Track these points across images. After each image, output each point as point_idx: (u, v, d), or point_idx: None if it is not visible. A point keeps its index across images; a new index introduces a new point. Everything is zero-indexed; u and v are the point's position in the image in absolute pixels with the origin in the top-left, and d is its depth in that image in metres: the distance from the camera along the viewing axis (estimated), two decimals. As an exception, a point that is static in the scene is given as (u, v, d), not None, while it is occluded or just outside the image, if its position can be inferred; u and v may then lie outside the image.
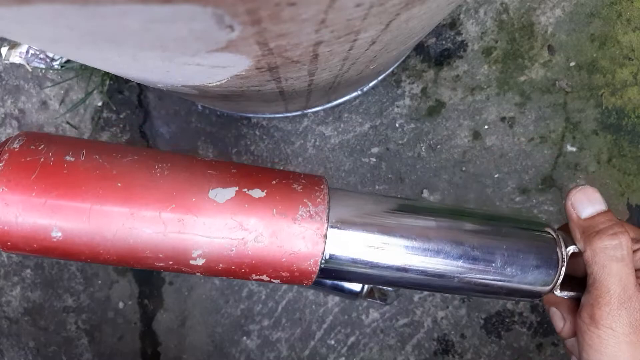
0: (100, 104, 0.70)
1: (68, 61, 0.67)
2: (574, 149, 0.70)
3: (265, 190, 0.28)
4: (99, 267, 0.72)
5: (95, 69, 0.67)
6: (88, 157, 0.27)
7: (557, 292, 0.32)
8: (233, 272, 0.28)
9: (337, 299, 0.72)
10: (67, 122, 0.70)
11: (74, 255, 0.27)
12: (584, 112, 0.70)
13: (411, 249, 0.30)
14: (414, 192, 0.70)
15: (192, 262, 0.27)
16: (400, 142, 0.70)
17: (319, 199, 0.28)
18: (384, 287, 0.65)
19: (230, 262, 0.28)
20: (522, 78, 0.69)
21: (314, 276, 0.29)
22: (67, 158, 0.26)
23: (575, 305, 0.33)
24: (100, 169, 0.26)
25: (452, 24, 0.68)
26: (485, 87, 0.69)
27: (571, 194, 0.32)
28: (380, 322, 0.72)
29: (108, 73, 0.68)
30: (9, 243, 0.26)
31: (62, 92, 0.70)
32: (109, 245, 0.26)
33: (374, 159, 0.70)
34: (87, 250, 0.27)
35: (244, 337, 0.73)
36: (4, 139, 0.73)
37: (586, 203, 0.31)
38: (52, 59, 0.67)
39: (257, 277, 0.29)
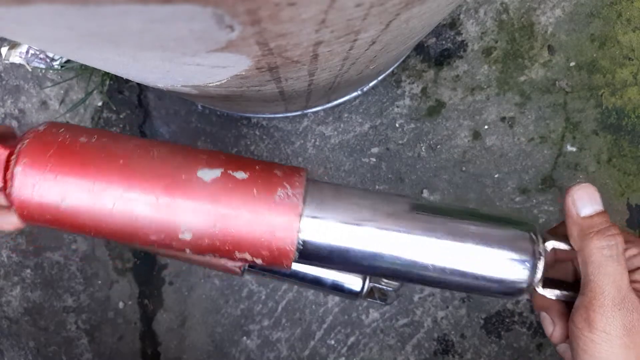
0: (100, 104, 0.70)
1: (68, 61, 0.68)
2: (574, 149, 0.70)
3: (248, 173, 0.31)
4: (99, 267, 0.72)
5: (96, 69, 0.67)
6: (98, 140, 0.31)
7: (540, 290, 0.32)
8: (218, 249, 0.31)
9: (337, 299, 0.72)
10: (67, 122, 0.70)
11: (80, 227, 0.30)
12: (584, 112, 0.70)
13: (383, 235, 0.31)
14: (414, 192, 0.70)
15: (180, 236, 0.30)
16: (400, 142, 0.70)
17: (297, 183, 0.31)
18: (384, 287, 0.65)
19: (215, 238, 0.30)
20: (522, 78, 0.69)
21: (292, 256, 0.31)
22: (81, 139, 0.30)
23: (565, 310, 0.32)
24: (106, 150, 0.30)
25: (452, 24, 0.68)
26: (485, 87, 0.69)
27: (573, 190, 0.31)
28: (380, 322, 0.72)
29: (108, 73, 0.68)
30: (25, 212, 0.30)
31: (62, 92, 0.70)
32: (108, 218, 0.29)
33: (374, 159, 0.70)
34: (91, 222, 0.30)
35: (244, 337, 0.73)
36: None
37: (587, 201, 0.31)
38: (52, 59, 0.67)
39: (241, 256, 0.31)
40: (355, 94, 0.67)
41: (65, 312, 0.73)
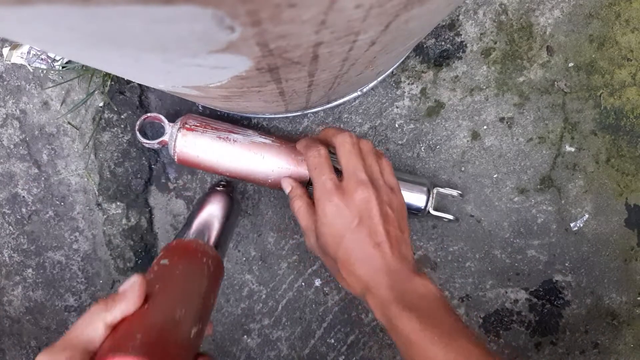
0: (101, 104, 0.70)
1: (69, 62, 0.68)
2: (572, 149, 0.70)
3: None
4: (100, 266, 0.73)
5: (97, 69, 0.67)
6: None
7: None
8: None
9: (337, 298, 0.72)
10: (69, 123, 0.70)
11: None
12: (583, 112, 0.70)
13: None
14: (414, 192, 0.71)
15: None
16: (399, 142, 0.70)
17: None
18: (448, 193, 0.65)
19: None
20: (521, 79, 0.69)
21: None
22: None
23: None
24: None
25: (451, 25, 0.69)
26: (484, 87, 0.69)
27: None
28: (379, 321, 0.72)
29: (109, 74, 0.68)
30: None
31: (63, 92, 0.70)
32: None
33: (374, 159, 0.70)
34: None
35: (245, 336, 0.73)
36: (5, 140, 0.73)
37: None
38: (54, 60, 0.67)
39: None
40: (355, 94, 0.67)
41: (66, 312, 0.74)
